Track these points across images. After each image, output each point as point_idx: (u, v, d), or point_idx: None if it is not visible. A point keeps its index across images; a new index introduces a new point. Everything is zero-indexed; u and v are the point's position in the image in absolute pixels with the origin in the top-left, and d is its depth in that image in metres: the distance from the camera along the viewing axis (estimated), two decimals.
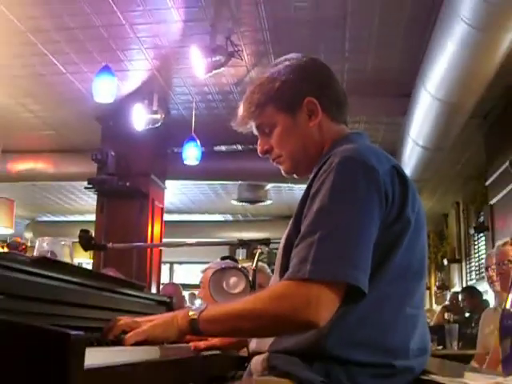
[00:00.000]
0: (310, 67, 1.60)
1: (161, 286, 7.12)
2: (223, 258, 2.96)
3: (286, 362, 1.35)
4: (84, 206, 10.79)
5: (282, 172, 1.66)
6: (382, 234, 1.34)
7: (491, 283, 4.04)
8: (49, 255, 2.08)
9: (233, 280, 2.02)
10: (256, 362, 1.49)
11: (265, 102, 1.56)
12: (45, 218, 12.45)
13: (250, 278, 2.02)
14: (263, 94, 1.57)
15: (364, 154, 1.38)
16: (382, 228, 1.34)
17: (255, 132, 1.64)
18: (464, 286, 8.86)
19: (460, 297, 6.55)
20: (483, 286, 7.00)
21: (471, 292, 6.39)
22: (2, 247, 3.68)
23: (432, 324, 6.33)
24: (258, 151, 1.64)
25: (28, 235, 11.81)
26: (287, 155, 1.59)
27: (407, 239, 1.37)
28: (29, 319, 1.02)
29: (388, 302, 1.37)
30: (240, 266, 2.12)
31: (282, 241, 1.50)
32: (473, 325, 5.33)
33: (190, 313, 1.38)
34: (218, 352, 1.85)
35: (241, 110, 1.62)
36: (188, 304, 9.68)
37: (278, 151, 1.60)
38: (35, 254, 2.19)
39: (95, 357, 1.04)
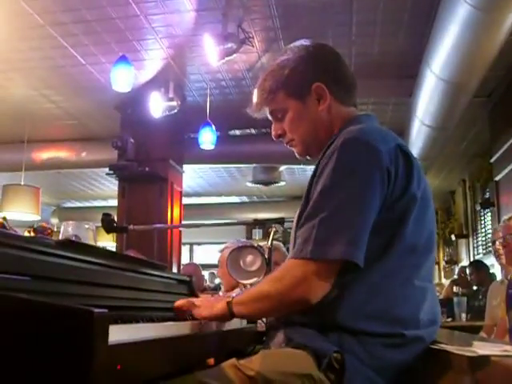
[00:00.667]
0: (317, 53, 1.64)
1: (181, 267, 7.23)
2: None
3: (302, 334, 1.41)
4: (106, 191, 10.91)
5: (296, 155, 1.72)
6: (388, 210, 1.39)
7: (497, 256, 4.11)
8: (73, 239, 2.10)
9: (249, 258, 2.03)
10: (273, 335, 1.57)
11: (276, 89, 1.62)
12: (69, 204, 12.58)
13: (266, 256, 2.13)
14: (274, 80, 1.63)
15: (367, 134, 1.44)
16: (387, 204, 1.39)
17: (269, 117, 1.70)
18: (471, 260, 8.88)
19: (467, 271, 6.59)
20: (490, 260, 7.03)
21: (478, 266, 6.39)
22: (29, 232, 3.83)
23: (441, 297, 6.40)
24: (272, 135, 1.70)
25: (54, 221, 11.93)
26: (299, 139, 1.65)
27: (414, 214, 1.42)
28: (55, 299, 1.02)
29: (397, 275, 1.41)
30: (257, 245, 2.14)
31: (295, 220, 1.56)
32: (480, 297, 5.39)
33: (230, 297, 1.51)
34: (236, 327, 1.88)
35: (255, 97, 1.68)
36: (208, 283, 9.84)
37: (291, 135, 1.66)
38: (60, 237, 2.20)
39: (118, 333, 1.06)
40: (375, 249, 1.38)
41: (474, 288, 6.28)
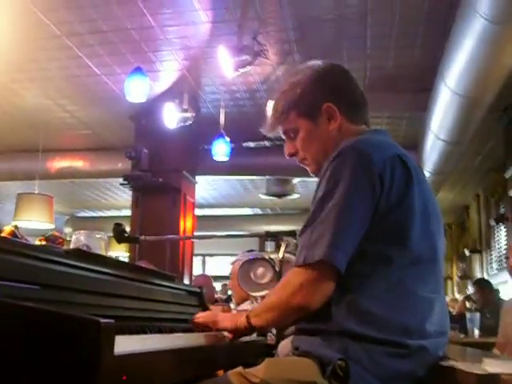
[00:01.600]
0: (327, 74, 1.70)
1: (193, 278, 7.26)
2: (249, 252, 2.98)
3: (307, 342, 1.44)
4: (120, 201, 10.96)
5: (310, 173, 1.75)
6: (383, 217, 1.42)
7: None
8: (84, 248, 2.12)
9: (260, 270, 2.09)
10: (282, 345, 1.64)
11: (288, 109, 1.67)
12: (83, 214, 12.64)
13: (277, 269, 2.12)
14: (286, 101, 1.68)
15: (361, 144, 1.49)
16: (381, 210, 1.42)
17: (283, 136, 1.74)
18: (480, 277, 8.84)
19: (472, 290, 6.50)
20: (504, 276, 7.00)
21: (481, 285, 6.32)
22: (41, 241, 3.84)
23: (454, 313, 6.35)
24: (285, 154, 1.74)
25: (67, 230, 12.00)
26: (311, 158, 1.69)
27: (416, 226, 1.44)
28: (63, 309, 1.04)
29: (402, 285, 1.43)
30: (268, 258, 2.17)
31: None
32: (488, 316, 5.33)
33: (249, 309, 1.61)
34: (247, 339, 1.88)
35: (268, 117, 1.73)
36: (219, 295, 9.81)
37: (303, 154, 1.69)
38: (72, 246, 2.22)
39: (125, 344, 1.08)
40: (379, 259, 1.42)
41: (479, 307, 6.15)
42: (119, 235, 2.27)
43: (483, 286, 6.27)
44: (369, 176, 1.41)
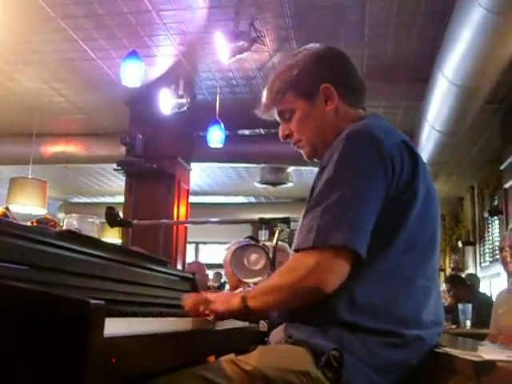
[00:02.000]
0: (326, 55, 1.68)
1: (186, 265, 7.25)
2: (246, 238, 2.97)
3: (301, 331, 1.40)
4: (114, 187, 10.94)
5: (304, 157, 1.72)
6: (391, 204, 1.39)
7: (505, 264, 4.09)
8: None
9: (253, 257, 2.03)
10: (274, 333, 1.55)
11: (285, 89, 1.64)
12: (77, 200, 12.62)
13: (271, 256, 2.09)
14: (283, 81, 1.65)
15: (371, 128, 1.46)
16: (390, 197, 1.39)
17: (277, 118, 1.71)
18: (469, 273, 8.89)
19: (445, 287, 6.38)
20: (497, 268, 7.02)
21: (454, 281, 6.27)
22: (32, 223, 3.81)
23: (446, 304, 6.35)
24: (280, 136, 1.71)
25: (61, 215, 11.96)
26: (306, 139, 1.66)
27: (416, 211, 1.42)
28: (53, 290, 1.01)
29: (399, 273, 1.41)
30: (261, 244, 2.12)
31: (299, 228, 1.53)
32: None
33: (245, 291, 1.50)
34: (239, 325, 1.87)
35: (263, 99, 1.70)
36: (212, 283, 9.83)
37: (298, 136, 1.66)
38: None
39: (115, 326, 1.05)
40: (376, 244, 1.37)
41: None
42: (112, 219, 2.25)
43: (455, 283, 6.23)
44: (382, 161, 1.39)
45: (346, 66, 1.69)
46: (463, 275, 8.62)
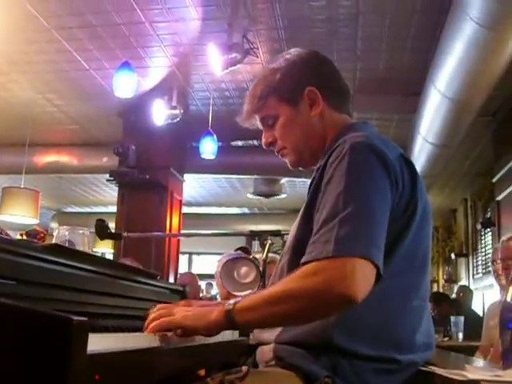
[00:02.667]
0: (310, 59, 1.60)
1: (178, 276, 7.22)
2: (237, 249, 2.97)
3: (293, 354, 1.33)
4: (107, 197, 10.91)
5: (288, 165, 1.64)
6: (389, 225, 1.29)
7: (497, 277, 4.08)
8: (67, 244, 2.05)
9: (243, 270, 2.02)
10: (262, 351, 1.49)
11: (267, 94, 1.56)
12: (70, 209, 12.60)
13: (261, 269, 2.06)
14: (265, 85, 1.57)
15: (374, 141, 1.36)
16: (391, 216, 1.30)
17: (259, 126, 1.63)
18: (462, 283, 8.88)
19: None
20: (489, 280, 7.01)
21: (437, 300, 6.23)
22: (21, 235, 3.81)
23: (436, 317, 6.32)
24: (263, 143, 1.63)
25: (54, 225, 11.96)
26: (291, 146, 1.59)
27: (413, 229, 1.35)
28: (39, 305, 1.00)
29: (394, 294, 1.34)
30: (252, 257, 2.10)
31: (291, 237, 1.48)
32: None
33: (226, 305, 1.29)
34: (229, 339, 1.81)
35: (245, 105, 1.62)
36: (204, 293, 9.81)
37: (282, 143, 1.59)
38: (54, 241, 2.09)
39: (99, 342, 1.03)
40: None
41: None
42: (102, 231, 2.24)
43: (439, 301, 6.21)
44: (389, 177, 1.31)
45: (330, 70, 1.62)
46: (456, 287, 8.64)
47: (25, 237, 3.43)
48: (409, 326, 1.37)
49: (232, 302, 1.30)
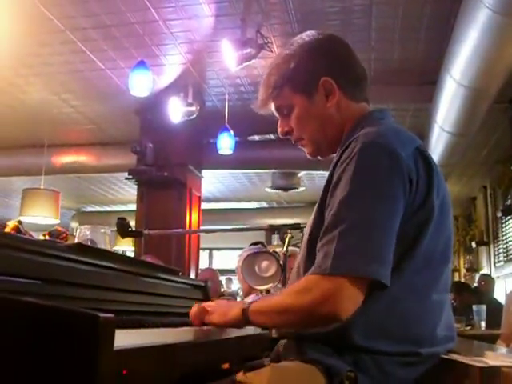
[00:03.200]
0: (324, 45, 1.56)
1: (199, 271, 7.26)
2: (252, 244, 2.98)
3: (315, 350, 1.34)
4: (126, 196, 10.98)
5: (307, 155, 1.62)
6: (406, 222, 1.29)
7: None
8: (89, 243, 2.09)
9: (264, 264, 2.03)
10: (284, 346, 1.49)
11: (281, 84, 1.53)
12: (89, 209, 12.69)
13: (281, 262, 2.09)
14: (279, 75, 1.53)
15: (386, 138, 1.33)
16: (407, 216, 1.29)
17: (275, 114, 1.60)
18: (484, 272, 8.83)
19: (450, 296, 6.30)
20: (511, 268, 6.96)
21: (458, 289, 6.21)
22: (44, 236, 3.85)
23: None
24: (279, 132, 1.61)
25: (74, 225, 12.04)
26: (308, 138, 1.56)
27: (432, 227, 1.33)
28: (64, 303, 1.03)
29: (414, 291, 1.33)
30: (272, 251, 2.11)
31: (306, 232, 1.47)
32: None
33: (245, 303, 1.39)
34: (251, 333, 1.82)
35: (260, 93, 1.59)
36: (225, 288, 9.85)
37: (298, 133, 1.57)
38: (76, 241, 2.14)
39: (125, 338, 1.05)
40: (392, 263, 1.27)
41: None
42: (123, 230, 2.25)
43: (460, 291, 6.17)
44: (400, 177, 1.29)
45: (346, 56, 1.56)
46: (477, 276, 8.59)
47: (47, 237, 3.46)
48: (429, 321, 1.36)
49: (250, 300, 1.42)
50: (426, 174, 1.34)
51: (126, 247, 10.05)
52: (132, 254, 7.71)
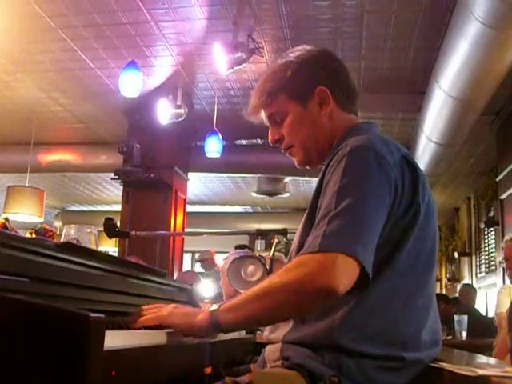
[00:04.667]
0: (321, 57, 1.58)
1: (178, 274, 7.21)
2: (237, 247, 2.97)
3: (298, 354, 1.33)
4: (111, 196, 10.95)
5: (295, 163, 1.62)
6: (391, 228, 1.30)
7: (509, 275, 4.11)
8: (74, 242, 2.03)
9: (251, 268, 2.02)
10: (269, 351, 1.49)
11: (277, 91, 1.53)
12: (73, 208, 12.60)
13: (268, 267, 2.15)
14: (275, 82, 1.54)
15: (374, 144, 1.35)
16: (392, 222, 1.30)
17: (266, 122, 1.60)
18: (465, 282, 8.92)
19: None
20: (492, 279, 7.02)
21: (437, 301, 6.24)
22: (31, 234, 3.82)
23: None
24: (269, 140, 1.60)
25: (57, 224, 11.96)
26: (299, 145, 1.56)
27: (417, 230, 1.34)
28: (53, 302, 1.01)
29: (398, 294, 1.33)
30: (258, 255, 2.10)
31: (296, 240, 1.46)
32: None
33: (212, 306, 1.33)
34: (236, 337, 1.83)
35: (253, 99, 1.59)
36: None
37: (289, 141, 1.57)
38: (62, 240, 2.15)
39: (114, 339, 1.05)
40: (375, 265, 1.25)
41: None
42: (110, 230, 2.24)
43: (439, 303, 6.19)
44: (387, 179, 1.31)
45: (340, 69, 1.59)
46: (459, 286, 8.63)
47: (34, 235, 3.44)
48: (414, 325, 1.36)
49: (220, 303, 1.33)
50: (411, 181, 1.35)
51: (109, 247, 9.99)
52: (115, 255, 7.66)
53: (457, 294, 7.69)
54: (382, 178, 1.30)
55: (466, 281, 9.51)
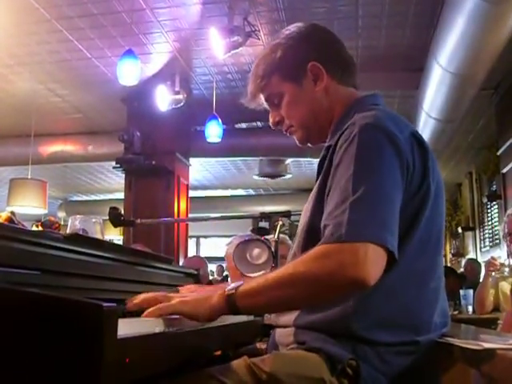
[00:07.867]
0: (309, 32, 1.57)
1: (184, 259, 7.24)
2: (253, 230, 2.95)
3: (315, 338, 1.32)
4: (113, 184, 10.97)
5: (296, 142, 1.62)
6: (403, 209, 1.27)
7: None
8: (81, 232, 2.04)
9: (256, 251, 2.02)
10: (281, 335, 1.47)
11: (270, 73, 1.54)
12: (76, 198, 12.66)
13: (273, 249, 2.08)
14: (267, 64, 1.54)
15: (384, 122, 1.32)
16: (403, 202, 1.27)
17: (266, 105, 1.61)
18: (471, 256, 8.93)
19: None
20: (497, 253, 7.03)
21: (444, 273, 6.24)
22: (37, 226, 3.84)
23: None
24: (270, 123, 1.61)
25: (61, 214, 12.00)
26: (297, 124, 1.56)
27: (428, 211, 1.33)
28: (64, 293, 1.01)
29: (412, 278, 1.33)
30: (263, 238, 2.10)
31: (303, 221, 1.45)
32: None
33: (227, 289, 1.27)
34: (244, 320, 1.78)
35: (249, 85, 1.59)
36: (215, 276, 9.84)
37: (289, 121, 1.57)
38: (68, 231, 2.09)
39: (127, 327, 1.05)
40: None
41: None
42: (115, 219, 2.26)
43: (446, 275, 6.22)
44: (400, 160, 1.28)
45: (332, 42, 1.58)
46: (463, 261, 8.67)
47: (40, 227, 3.46)
48: (427, 308, 1.36)
49: (233, 285, 1.27)
50: (421, 159, 1.33)
51: (114, 236, 10.03)
52: (120, 243, 7.69)
53: (462, 269, 7.73)
54: (394, 157, 1.27)
55: (471, 255, 9.54)
